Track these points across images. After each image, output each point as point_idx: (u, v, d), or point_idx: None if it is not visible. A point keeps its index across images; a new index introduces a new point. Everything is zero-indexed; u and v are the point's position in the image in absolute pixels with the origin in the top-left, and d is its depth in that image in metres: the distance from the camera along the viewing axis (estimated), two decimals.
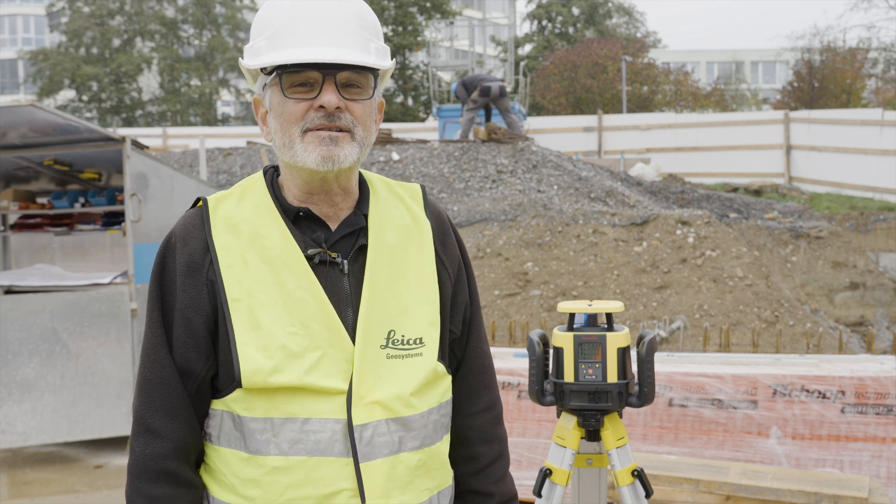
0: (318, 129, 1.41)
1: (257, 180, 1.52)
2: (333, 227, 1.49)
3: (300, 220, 1.47)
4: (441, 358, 1.52)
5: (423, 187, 1.62)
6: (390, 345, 1.45)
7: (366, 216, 1.51)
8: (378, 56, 1.46)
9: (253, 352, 1.39)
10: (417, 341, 1.48)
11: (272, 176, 1.54)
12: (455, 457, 1.60)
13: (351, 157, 1.43)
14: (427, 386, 1.49)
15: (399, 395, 1.45)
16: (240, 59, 1.50)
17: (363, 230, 1.50)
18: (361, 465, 1.40)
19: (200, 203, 1.50)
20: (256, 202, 1.48)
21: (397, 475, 1.44)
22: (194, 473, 1.48)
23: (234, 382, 1.41)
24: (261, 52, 1.44)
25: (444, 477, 1.56)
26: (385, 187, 1.58)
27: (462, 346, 1.60)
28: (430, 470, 1.50)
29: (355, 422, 1.40)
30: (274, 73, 1.43)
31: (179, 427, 1.43)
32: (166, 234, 1.49)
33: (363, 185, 1.55)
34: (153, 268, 1.48)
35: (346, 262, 1.46)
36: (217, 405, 1.45)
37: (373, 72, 1.46)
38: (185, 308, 1.43)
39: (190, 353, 1.43)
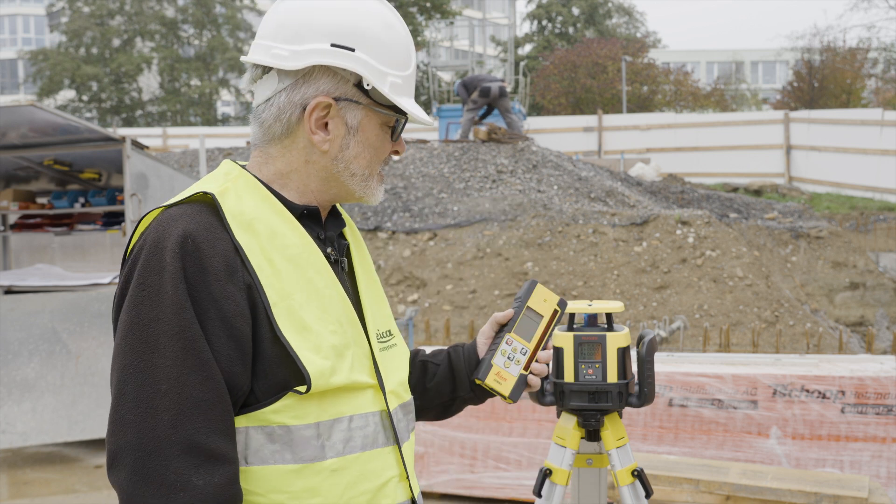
0: (382, 170, 1.51)
1: (241, 174, 1.44)
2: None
3: (301, 219, 1.46)
4: None
5: None
6: (378, 338, 1.52)
7: (341, 217, 1.59)
8: None
9: (309, 354, 1.33)
10: (389, 333, 1.57)
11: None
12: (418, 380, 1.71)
13: None
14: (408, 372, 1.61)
15: (402, 381, 1.55)
16: (349, 66, 1.39)
17: (342, 231, 1.57)
18: (402, 449, 1.48)
19: (200, 197, 1.38)
20: (257, 199, 1.41)
21: (412, 455, 1.55)
22: None
23: (282, 391, 1.33)
24: (401, 91, 1.46)
25: None
26: None
27: None
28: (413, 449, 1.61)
29: (391, 408, 1.47)
30: (389, 111, 1.45)
31: (236, 449, 1.31)
32: (172, 234, 1.31)
33: None
34: (166, 273, 1.28)
35: (345, 260, 1.53)
36: (240, 422, 1.32)
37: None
38: (230, 317, 1.28)
39: (235, 367, 1.29)
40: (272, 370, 1.32)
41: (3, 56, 49.10)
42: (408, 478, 1.49)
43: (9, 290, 6.20)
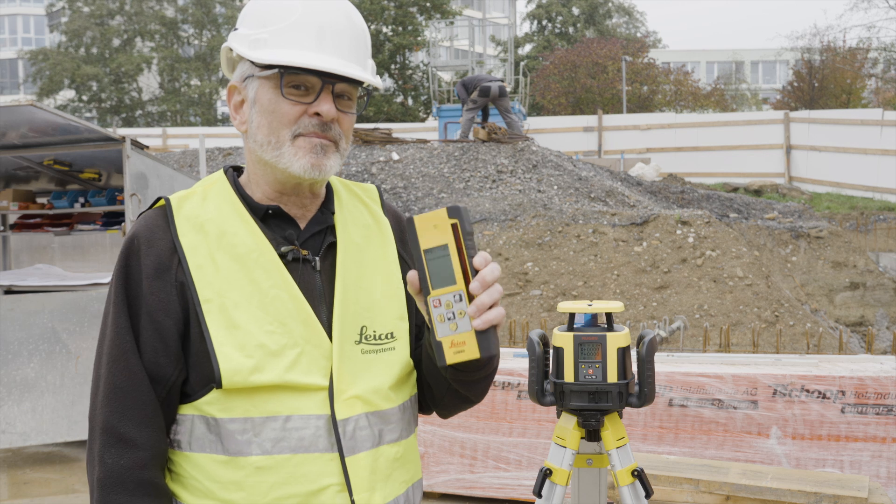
0: (310, 136, 1.43)
1: (219, 179, 1.51)
2: (302, 225, 1.50)
3: (269, 219, 1.48)
4: (411, 352, 1.55)
5: (378, 188, 1.66)
6: (363, 340, 1.47)
7: (332, 214, 1.54)
8: (373, 74, 1.50)
9: (231, 351, 1.37)
10: (389, 336, 1.50)
11: (234, 175, 1.54)
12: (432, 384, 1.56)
13: (334, 168, 1.46)
14: (403, 379, 1.52)
15: (377, 388, 1.47)
16: (229, 44, 1.48)
17: (331, 228, 1.52)
18: (347, 459, 1.42)
19: (161, 203, 1.48)
20: (220, 201, 1.47)
21: (379, 468, 1.46)
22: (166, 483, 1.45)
23: (209, 384, 1.39)
24: (265, 44, 1.42)
25: (416, 470, 1.58)
26: (345, 188, 1.60)
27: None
28: (405, 463, 1.53)
29: (338, 416, 1.41)
30: (273, 70, 1.42)
31: (154, 435, 1.40)
32: (127, 236, 1.45)
33: (327, 186, 1.58)
34: (116, 270, 1.44)
35: (317, 259, 1.48)
36: (186, 410, 1.42)
37: (364, 88, 1.49)
38: (153, 311, 1.40)
39: (160, 358, 1.40)
40: (200, 363, 1.40)
41: (3, 56, 49.12)
42: (350, 491, 1.41)
43: (9, 290, 6.20)
